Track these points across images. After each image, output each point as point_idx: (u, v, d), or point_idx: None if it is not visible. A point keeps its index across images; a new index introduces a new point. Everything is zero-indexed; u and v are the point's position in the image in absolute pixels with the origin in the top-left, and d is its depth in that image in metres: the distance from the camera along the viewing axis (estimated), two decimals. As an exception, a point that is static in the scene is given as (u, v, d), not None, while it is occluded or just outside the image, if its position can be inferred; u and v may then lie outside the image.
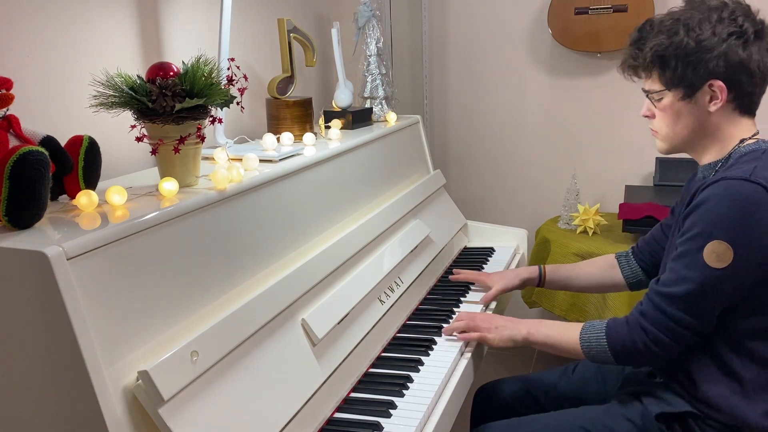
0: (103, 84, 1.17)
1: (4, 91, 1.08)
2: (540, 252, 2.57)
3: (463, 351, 1.52)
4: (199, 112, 1.22)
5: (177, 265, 1.11)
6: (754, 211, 1.16)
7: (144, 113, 1.19)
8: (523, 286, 1.79)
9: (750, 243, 1.17)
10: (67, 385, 0.92)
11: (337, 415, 1.28)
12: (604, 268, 1.68)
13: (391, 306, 1.63)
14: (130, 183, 1.32)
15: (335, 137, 1.87)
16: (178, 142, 1.21)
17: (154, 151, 1.23)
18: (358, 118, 2.09)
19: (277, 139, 1.68)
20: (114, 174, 1.53)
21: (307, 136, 1.76)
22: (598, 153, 2.83)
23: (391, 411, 1.27)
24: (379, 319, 1.55)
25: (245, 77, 1.43)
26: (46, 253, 0.88)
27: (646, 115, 1.38)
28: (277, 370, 1.19)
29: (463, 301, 1.78)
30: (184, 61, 1.24)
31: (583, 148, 2.85)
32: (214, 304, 1.17)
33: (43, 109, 1.42)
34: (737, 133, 1.29)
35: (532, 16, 2.79)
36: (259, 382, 1.14)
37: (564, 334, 1.38)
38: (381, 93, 2.26)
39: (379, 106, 2.26)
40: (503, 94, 2.91)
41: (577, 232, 2.50)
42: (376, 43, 2.25)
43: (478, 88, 2.94)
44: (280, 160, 1.53)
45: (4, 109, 1.08)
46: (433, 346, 1.52)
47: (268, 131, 1.80)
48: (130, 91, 1.18)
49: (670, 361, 1.33)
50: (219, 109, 1.41)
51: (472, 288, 1.86)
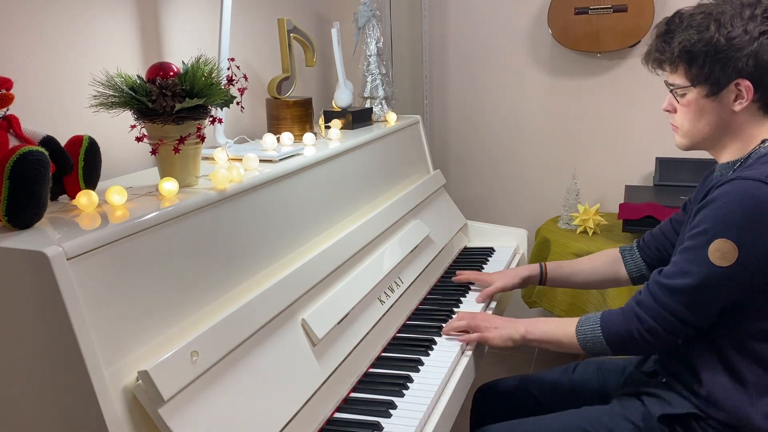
0: (103, 84, 1.17)
1: (4, 91, 1.08)
2: (540, 252, 2.57)
3: (463, 351, 1.52)
4: (199, 112, 1.22)
5: (177, 265, 1.11)
6: (765, 214, 1.15)
7: (144, 113, 1.19)
8: (525, 284, 1.79)
9: (756, 245, 1.16)
10: (67, 385, 0.92)
11: (337, 415, 1.28)
12: (607, 263, 1.68)
13: (391, 306, 1.63)
14: (130, 183, 1.32)
15: (335, 137, 1.87)
16: (178, 142, 1.21)
17: (154, 151, 1.23)
18: (358, 118, 2.09)
19: (277, 139, 1.68)
20: (114, 174, 1.53)
21: (307, 136, 1.76)
22: (598, 153, 2.83)
23: (391, 411, 1.27)
24: (379, 319, 1.55)
25: (245, 77, 1.43)
26: (46, 253, 0.88)
27: (668, 110, 1.34)
28: (277, 370, 1.19)
29: (463, 301, 1.78)
30: (184, 61, 1.24)
31: (583, 148, 2.85)
32: (214, 304, 1.17)
33: (43, 109, 1.42)
34: (759, 133, 1.26)
35: (532, 16, 2.79)
36: (259, 382, 1.14)
37: (560, 329, 1.39)
38: (381, 93, 2.26)
39: (379, 106, 2.26)
40: (503, 94, 2.91)
41: (577, 232, 2.50)
42: (376, 43, 2.25)
43: (478, 88, 2.94)
44: (280, 160, 1.53)
45: (4, 109, 1.08)
46: (433, 346, 1.52)
47: (268, 131, 1.80)
48: (130, 91, 1.18)
49: (674, 360, 1.33)
50: (219, 109, 1.41)
51: (472, 288, 1.86)
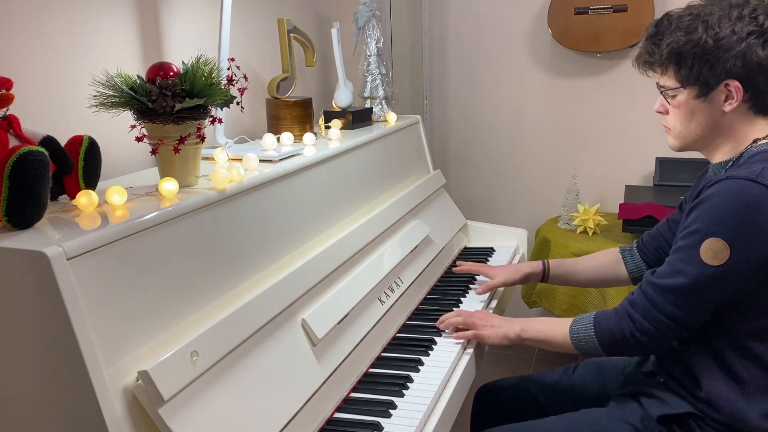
0: (103, 84, 1.17)
1: (4, 91, 1.08)
2: (540, 252, 2.57)
3: (464, 351, 1.52)
4: (199, 112, 1.22)
5: (177, 265, 1.11)
6: (756, 213, 1.15)
7: (144, 113, 1.19)
8: (526, 280, 1.78)
9: (748, 244, 1.16)
10: (67, 385, 0.92)
11: (337, 415, 1.28)
12: (608, 262, 1.68)
13: (391, 306, 1.63)
14: (130, 183, 1.32)
15: (335, 137, 1.87)
16: (178, 142, 1.21)
17: (154, 151, 1.23)
18: (358, 118, 2.09)
19: (277, 139, 1.68)
20: (114, 174, 1.53)
21: (307, 136, 1.76)
22: (598, 153, 2.83)
23: (391, 411, 1.27)
24: (379, 319, 1.55)
25: (245, 77, 1.43)
26: (46, 253, 0.88)
27: (659, 111, 1.35)
28: (277, 370, 1.19)
29: (463, 301, 1.78)
30: (184, 61, 1.24)
31: (583, 148, 2.85)
32: (214, 304, 1.17)
33: (43, 109, 1.42)
34: (751, 133, 1.27)
35: (532, 16, 2.79)
36: (259, 382, 1.14)
37: (555, 328, 1.39)
38: (381, 93, 2.26)
39: (379, 106, 2.26)
40: (503, 94, 2.91)
41: (577, 232, 2.50)
42: (376, 43, 2.25)
43: (478, 88, 2.94)
44: (280, 160, 1.53)
45: (4, 109, 1.08)
46: (433, 346, 1.52)
47: (268, 131, 1.80)
48: (130, 91, 1.18)
49: (671, 360, 1.33)
50: (219, 109, 1.41)
51: (472, 287, 1.86)
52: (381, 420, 1.24)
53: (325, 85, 2.67)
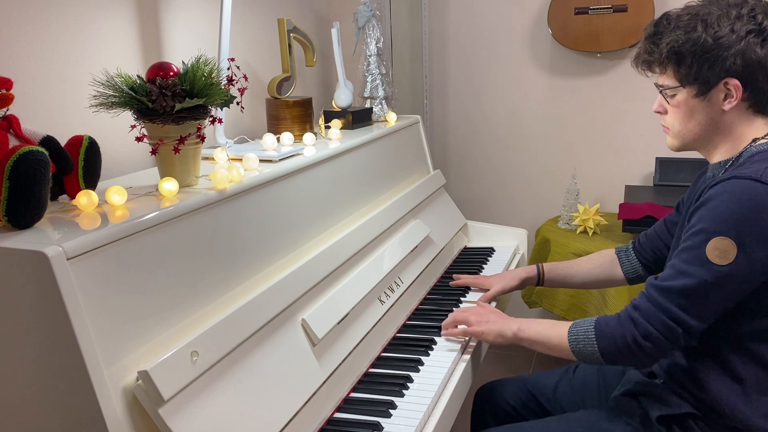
0: (103, 84, 1.17)
1: (4, 91, 1.08)
2: (540, 252, 2.57)
3: (464, 351, 1.51)
4: (199, 112, 1.22)
5: (177, 265, 1.11)
6: (762, 212, 1.15)
7: (144, 113, 1.19)
8: (523, 285, 1.79)
9: (755, 243, 1.15)
10: (67, 385, 0.92)
11: (337, 415, 1.28)
12: (603, 264, 1.68)
13: (391, 306, 1.63)
14: (130, 183, 1.32)
15: (335, 137, 1.87)
16: (178, 142, 1.21)
17: (154, 151, 1.23)
18: (358, 118, 2.09)
19: (277, 139, 1.68)
20: (114, 174, 1.53)
21: (307, 136, 1.76)
22: (598, 153, 2.83)
23: (391, 411, 1.27)
24: (379, 319, 1.55)
25: (245, 77, 1.43)
26: (46, 253, 0.88)
27: (658, 111, 1.35)
28: (277, 370, 1.19)
29: (463, 301, 1.78)
30: (184, 61, 1.24)
31: (583, 148, 2.85)
32: (214, 304, 1.17)
33: (43, 109, 1.42)
34: (750, 132, 1.27)
35: (532, 16, 2.79)
36: (259, 382, 1.14)
37: (554, 330, 1.35)
38: (381, 93, 2.26)
39: (379, 106, 2.26)
40: (503, 94, 2.91)
41: (577, 232, 2.50)
42: (376, 43, 2.25)
43: (478, 88, 2.94)
44: (280, 160, 1.53)
45: (4, 109, 1.08)
46: (433, 346, 1.52)
47: (268, 131, 1.80)
48: (130, 91, 1.18)
49: (672, 361, 1.33)
50: (219, 109, 1.41)
51: (472, 289, 1.86)
52: (381, 420, 1.24)
53: (325, 85, 2.67)
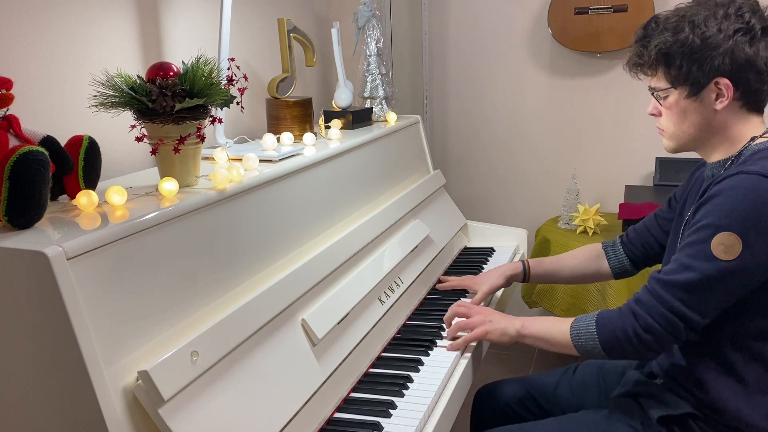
0: (103, 84, 1.17)
1: (4, 91, 1.08)
2: (540, 252, 2.57)
3: (464, 351, 1.51)
4: (199, 112, 1.22)
5: (177, 265, 1.10)
6: None
7: (144, 113, 1.19)
8: (510, 283, 1.78)
9: (760, 239, 1.15)
10: (67, 385, 0.92)
11: (337, 415, 1.28)
12: (589, 258, 1.68)
13: (391, 306, 1.63)
14: (130, 183, 1.32)
15: (335, 137, 1.87)
16: (178, 142, 1.21)
17: (154, 151, 1.23)
18: (358, 118, 2.09)
19: (277, 139, 1.68)
20: (114, 174, 1.53)
21: (307, 136, 1.76)
22: (598, 153, 2.83)
23: (391, 411, 1.27)
24: (379, 319, 1.55)
25: (245, 77, 1.43)
26: (46, 253, 0.88)
27: (653, 114, 1.35)
28: (277, 370, 1.19)
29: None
30: (184, 61, 1.24)
31: (583, 148, 2.85)
32: (214, 304, 1.17)
33: (43, 109, 1.42)
34: (746, 131, 1.27)
35: (532, 16, 2.79)
36: (259, 382, 1.14)
37: (556, 326, 1.36)
38: (381, 93, 2.26)
39: (379, 106, 2.26)
40: (503, 94, 2.91)
41: (577, 232, 2.50)
42: (376, 43, 2.25)
43: (478, 88, 2.94)
44: (280, 160, 1.53)
45: (4, 109, 1.08)
46: (433, 346, 1.52)
47: (268, 131, 1.80)
48: (130, 91, 1.18)
49: (672, 361, 1.33)
50: (219, 109, 1.41)
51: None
52: (381, 420, 1.24)
53: (325, 85, 2.67)
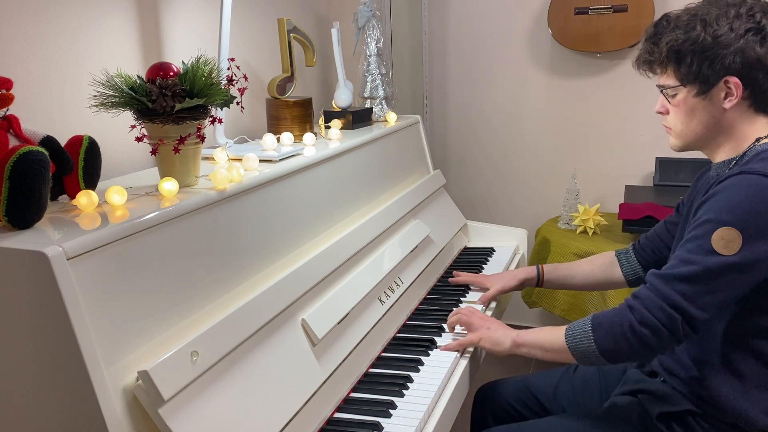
0: (103, 84, 1.17)
1: (4, 91, 1.08)
2: (540, 252, 2.57)
3: (464, 351, 1.51)
4: (199, 112, 1.22)
5: (177, 265, 1.10)
6: None
7: (144, 113, 1.19)
8: (522, 286, 1.79)
9: (760, 235, 1.15)
10: (67, 385, 0.92)
11: (337, 415, 1.28)
12: (603, 265, 1.68)
13: (391, 306, 1.63)
14: (130, 183, 1.32)
15: (335, 137, 1.87)
16: (178, 142, 1.21)
17: (154, 151, 1.23)
18: (358, 118, 2.09)
19: (277, 139, 1.68)
20: (114, 174, 1.53)
21: (307, 136, 1.76)
22: (598, 153, 2.83)
23: (391, 411, 1.27)
24: (379, 319, 1.55)
25: (245, 77, 1.43)
26: (46, 253, 0.88)
27: (660, 112, 1.35)
28: (277, 370, 1.19)
29: (463, 301, 1.78)
30: (184, 61, 1.24)
31: (583, 148, 2.85)
32: (214, 304, 1.17)
33: (43, 109, 1.42)
34: (752, 131, 1.27)
35: (532, 16, 2.79)
36: (259, 382, 1.14)
37: (552, 332, 1.35)
38: (381, 93, 2.26)
39: (379, 106, 2.26)
40: (503, 94, 2.91)
41: (577, 232, 2.50)
42: (376, 43, 2.25)
43: (478, 88, 2.94)
44: (280, 160, 1.53)
45: (4, 109, 1.08)
46: (433, 347, 1.52)
47: (268, 131, 1.80)
48: (130, 91, 1.18)
49: (672, 358, 1.33)
50: (219, 109, 1.41)
51: (471, 288, 1.86)
52: (381, 420, 1.24)
53: (325, 85, 2.67)
